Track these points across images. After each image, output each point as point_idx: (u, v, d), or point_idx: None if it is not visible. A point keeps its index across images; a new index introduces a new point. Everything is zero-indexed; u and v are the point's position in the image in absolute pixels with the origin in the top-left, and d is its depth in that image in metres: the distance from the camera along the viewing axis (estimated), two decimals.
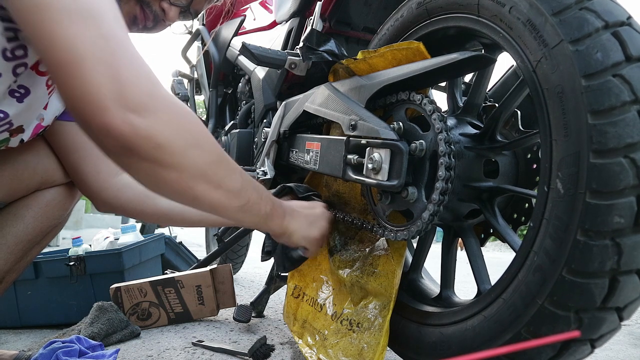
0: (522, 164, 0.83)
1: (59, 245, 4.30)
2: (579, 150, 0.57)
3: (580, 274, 0.57)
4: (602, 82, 0.56)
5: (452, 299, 0.88)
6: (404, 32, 0.91)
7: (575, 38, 0.58)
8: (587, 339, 0.61)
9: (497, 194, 0.82)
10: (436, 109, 0.77)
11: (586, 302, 0.57)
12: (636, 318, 1.93)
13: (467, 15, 0.76)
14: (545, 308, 0.60)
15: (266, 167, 1.22)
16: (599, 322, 0.59)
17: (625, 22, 0.58)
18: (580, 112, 0.57)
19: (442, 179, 0.73)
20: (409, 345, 0.84)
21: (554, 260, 0.59)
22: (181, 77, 2.20)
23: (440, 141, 0.74)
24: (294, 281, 1.18)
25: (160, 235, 1.97)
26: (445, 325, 0.77)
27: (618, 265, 0.55)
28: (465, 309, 0.75)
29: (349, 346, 0.90)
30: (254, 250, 3.22)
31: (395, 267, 0.89)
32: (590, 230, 0.56)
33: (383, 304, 0.89)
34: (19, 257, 0.98)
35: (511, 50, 0.69)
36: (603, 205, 0.55)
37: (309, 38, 1.05)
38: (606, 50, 0.56)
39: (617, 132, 0.55)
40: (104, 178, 0.99)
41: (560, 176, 0.59)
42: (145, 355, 1.10)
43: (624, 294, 0.57)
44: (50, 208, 1.01)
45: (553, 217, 0.60)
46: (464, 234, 0.90)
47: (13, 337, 1.53)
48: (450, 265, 0.91)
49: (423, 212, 0.76)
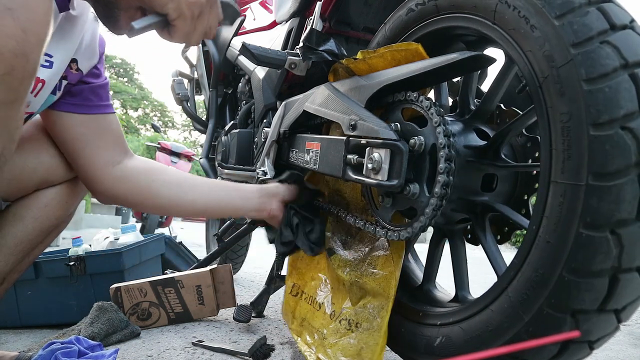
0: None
1: (59, 245, 4.30)
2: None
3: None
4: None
5: (432, 293, 0.91)
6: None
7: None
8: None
9: (490, 210, 0.83)
10: (433, 104, 0.77)
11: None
12: (636, 318, 1.93)
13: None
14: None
15: (266, 167, 1.22)
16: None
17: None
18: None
19: (444, 171, 0.73)
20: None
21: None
22: (181, 77, 2.20)
23: (439, 134, 0.74)
24: (292, 279, 1.19)
25: (160, 235, 1.97)
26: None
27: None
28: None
29: (347, 346, 0.90)
30: (254, 250, 3.23)
31: (394, 268, 0.89)
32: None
33: (381, 304, 0.89)
34: (19, 257, 0.98)
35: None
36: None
37: (309, 38, 1.05)
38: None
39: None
40: (102, 168, 0.99)
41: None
42: (145, 355, 1.10)
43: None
44: (50, 208, 1.00)
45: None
46: (452, 237, 0.91)
47: (13, 337, 1.53)
48: (435, 262, 0.94)
49: (426, 207, 0.76)
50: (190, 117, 2.10)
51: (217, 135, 1.83)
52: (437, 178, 0.74)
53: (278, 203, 1.06)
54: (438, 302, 0.88)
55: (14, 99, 0.58)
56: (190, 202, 1.05)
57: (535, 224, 0.63)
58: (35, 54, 0.58)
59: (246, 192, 1.07)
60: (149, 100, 29.82)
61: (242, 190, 1.08)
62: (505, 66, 0.80)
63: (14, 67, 0.55)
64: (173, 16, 0.80)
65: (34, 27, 0.56)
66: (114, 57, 28.66)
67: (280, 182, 1.11)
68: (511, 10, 0.67)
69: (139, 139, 20.88)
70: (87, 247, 1.84)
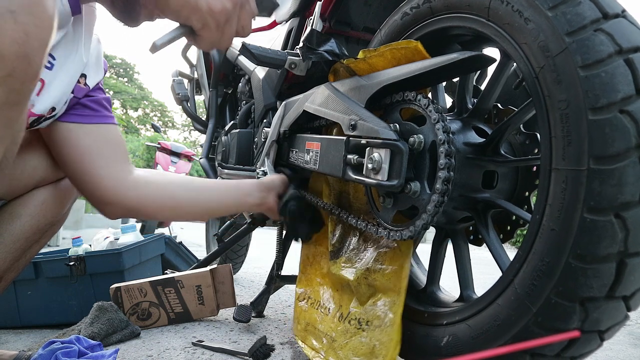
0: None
1: (59, 245, 4.30)
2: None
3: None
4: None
5: (436, 295, 0.91)
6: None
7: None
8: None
9: (492, 207, 0.83)
10: (430, 102, 0.77)
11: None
12: (636, 318, 1.93)
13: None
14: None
15: (266, 167, 1.22)
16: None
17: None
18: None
19: (444, 166, 0.73)
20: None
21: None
22: (181, 77, 2.20)
23: (438, 130, 0.74)
24: (302, 285, 1.18)
25: (160, 235, 1.97)
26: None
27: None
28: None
29: (359, 345, 0.88)
30: (254, 251, 3.23)
31: (403, 261, 0.88)
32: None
33: (392, 299, 0.87)
34: (17, 256, 0.98)
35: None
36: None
37: (309, 38, 1.05)
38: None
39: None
40: (114, 179, 0.96)
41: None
42: (145, 355, 1.10)
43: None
44: (46, 206, 1.00)
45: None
46: (455, 237, 0.91)
47: (13, 337, 1.53)
48: (438, 263, 0.93)
49: (428, 204, 0.76)
50: (190, 117, 2.10)
51: (217, 135, 1.83)
52: (437, 174, 0.74)
53: (274, 196, 1.12)
54: (443, 303, 0.87)
55: (16, 101, 0.58)
56: (205, 202, 1.08)
57: (539, 213, 0.63)
58: (38, 57, 0.58)
59: (247, 189, 1.11)
60: (149, 100, 29.82)
61: (243, 188, 1.12)
62: (501, 64, 0.81)
63: (16, 69, 0.55)
64: (197, 27, 0.78)
65: (36, 31, 0.56)
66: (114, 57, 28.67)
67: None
68: (504, 6, 0.68)
69: (139, 139, 20.86)
70: (87, 247, 1.83)
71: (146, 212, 1.02)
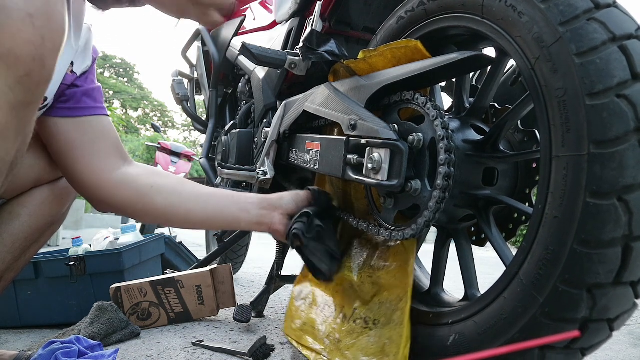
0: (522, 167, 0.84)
1: (59, 245, 4.30)
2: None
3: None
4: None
5: (441, 296, 0.90)
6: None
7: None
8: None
9: (493, 203, 0.83)
10: (428, 100, 0.78)
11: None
12: (636, 318, 1.93)
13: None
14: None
15: (266, 167, 1.22)
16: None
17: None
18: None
19: (444, 162, 0.73)
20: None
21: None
22: (181, 77, 2.20)
23: (437, 127, 0.75)
24: (300, 284, 1.17)
25: (160, 235, 1.97)
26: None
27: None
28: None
29: (368, 345, 0.86)
30: (254, 251, 3.23)
31: (408, 256, 0.88)
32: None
33: (399, 296, 0.86)
34: (16, 255, 0.98)
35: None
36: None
37: (309, 38, 1.05)
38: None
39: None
40: (101, 173, 0.94)
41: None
42: (145, 355, 1.10)
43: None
44: (45, 205, 1.00)
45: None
46: (457, 236, 0.90)
47: (13, 337, 1.53)
48: (441, 264, 0.93)
49: (429, 201, 0.75)
50: (190, 117, 2.10)
51: (217, 135, 1.83)
52: (438, 170, 0.74)
53: (280, 216, 0.97)
54: (448, 304, 0.87)
55: (30, 101, 0.60)
56: (184, 213, 0.97)
57: (541, 202, 0.63)
58: (52, 59, 0.59)
59: (245, 204, 0.98)
60: (149, 100, 29.84)
61: (241, 202, 0.99)
62: (497, 62, 0.81)
63: (32, 70, 0.56)
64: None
65: (51, 35, 0.58)
66: (114, 57, 28.68)
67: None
68: (498, 2, 0.69)
69: (139, 139, 20.85)
70: (87, 247, 1.84)
71: (127, 212, 0.99)
